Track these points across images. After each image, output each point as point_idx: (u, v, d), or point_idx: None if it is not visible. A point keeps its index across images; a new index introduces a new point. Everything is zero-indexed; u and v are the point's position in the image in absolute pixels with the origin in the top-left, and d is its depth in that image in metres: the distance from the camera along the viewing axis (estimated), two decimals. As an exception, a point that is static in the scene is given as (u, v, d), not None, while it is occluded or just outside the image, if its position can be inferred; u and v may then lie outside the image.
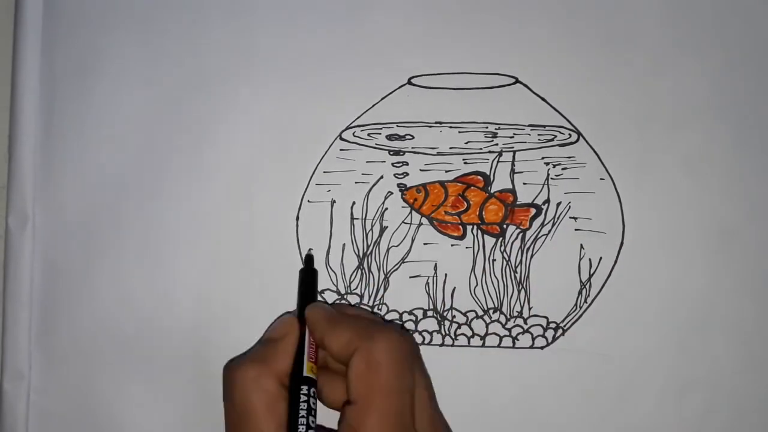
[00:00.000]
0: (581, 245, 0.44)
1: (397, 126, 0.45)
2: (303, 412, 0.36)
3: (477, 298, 0.44)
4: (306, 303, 0.41)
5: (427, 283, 0.44)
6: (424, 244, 0.45)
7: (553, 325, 0.44)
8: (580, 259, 0.44)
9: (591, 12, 0.45)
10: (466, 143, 0.45)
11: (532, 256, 0.44)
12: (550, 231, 0.44)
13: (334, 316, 0.39)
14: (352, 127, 0.45)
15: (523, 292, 0.44)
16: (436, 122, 0.45)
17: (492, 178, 0.45)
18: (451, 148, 0.45)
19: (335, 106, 0.45)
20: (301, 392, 0.37)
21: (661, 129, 0.45)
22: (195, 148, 0.46)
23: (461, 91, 0.45)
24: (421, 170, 0.45)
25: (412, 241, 0.45)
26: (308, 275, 0.43)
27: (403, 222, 0.45)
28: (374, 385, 0.35)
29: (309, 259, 0.44)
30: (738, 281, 0.44)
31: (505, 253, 0.44)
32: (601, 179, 0.44)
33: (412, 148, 0.45)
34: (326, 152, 0.45)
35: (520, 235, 0.44)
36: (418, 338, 0.44)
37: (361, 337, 0.36)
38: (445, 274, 0.44)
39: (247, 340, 0.44)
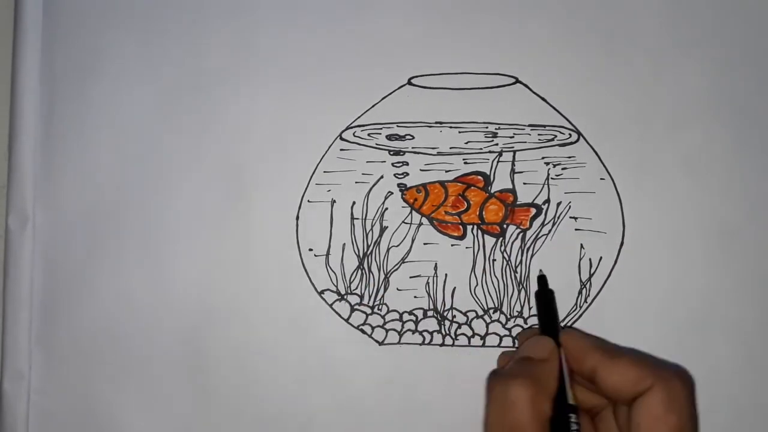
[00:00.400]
0: (581, 245, 0.44)
1: (397, 126, 0.45)
2: None
3: (477, 298, 0.44)
4: (551, 325, 0.40)
5: (428, 283, 0.44)
6: (424, 244, 0.45)
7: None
8: (580, 259, 0.44)
9: (591, 12, 0.45)
10: (466, 143, 0.45)
11: (532, 256, 0.44)
12: (550, 231, 0.44)
13: (610, 349, 0.37)
14: (352, 127, 0.45)
15: (523, 292, 0.44)
16: (436, 122, 0.45)
17: (492, 178, 0.45)
18: (451, 148, 0.45)
19: (335, 106, 0.45)
20: (571, 420, 0.36)
21: (661, 129, 0.45)
22: (195, 147, 0.46)
23: (461, 91, 0.45)
24: (421, 170, 0.45)
25: (412, 241, 0.45)
26: (546, 295, 0.42)
27: (403, 222, 0.45)
28: (671, 428, 0.34)
29: (543, 280, 0.42)
30: (738, 281, 0.44)
31: (505, 253, 0.44)
32: (601, 179, 0.44)
33: (412, 148, 0.45)
34: (326, 152, 0.45)
35: (521, 235, 0.44)
36: (418, 338, 0.44)
37: (655, 376, 0.35)
38: (445, 274, 0.44)
39: (247, 340, 0.44)
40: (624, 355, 0.37)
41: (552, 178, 0.44)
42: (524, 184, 0.45)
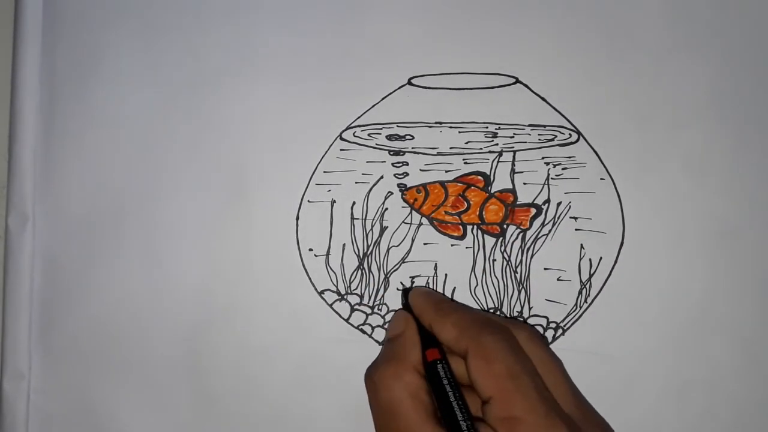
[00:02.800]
0: (581, 245, 0.44)
1: (397, 126, 0.45)
2: (449, 388, 0.37)
3: (477, 298, 0.44)
4: (404, 301, 0.42)
5: (428, 283, 0.44)
6: (424, 244, 0.45)
7: (553, 325, 0.44)
8: (580, 259, 0.44)
9: (591, 12, 0.45)
10: (466, 143, 0.45)
11: (532, 256, 0.44)
12: (550, 231, 0.44)
13: (441, 304, 0.40)
14: (352, 127, 0.45)
15: (523, 292, 0.44)
16: (436, 122, 0.45)
17: (492, 178, 0.45)
18: (451, 148, 0.45)
19: (335, 106, 0.45)
20: (438, 366, 0.37)
21: (661, 129, 0.45)
22: (195, 147, 0.46)
23: (461, 91, 0.45)
24: (421, 170, 0.45)
25: (412, 241, 0.45)
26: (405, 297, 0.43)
27: (403, 222, 0.45)
28: (500, 375, 0.36)
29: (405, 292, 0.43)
30: (738, 281, 0.44)
31: (505, 253, 0.44)
32: (601, 179, 0.44)
33: (412, 148, 0.45)
34: (326, 152, 0.45)
35: (521, 235, 0.44)
36: (418, 338, 0.44)
37: (469, 336, 0.37)
38: (446, 274, 0.44)
39: (247, 341, 0.44)
40: (450, 314, 0.39)
41: (552, 178, 0.44)
42: (524, 184, 0.45)
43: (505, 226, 0.44)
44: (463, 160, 0.45)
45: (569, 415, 0.37)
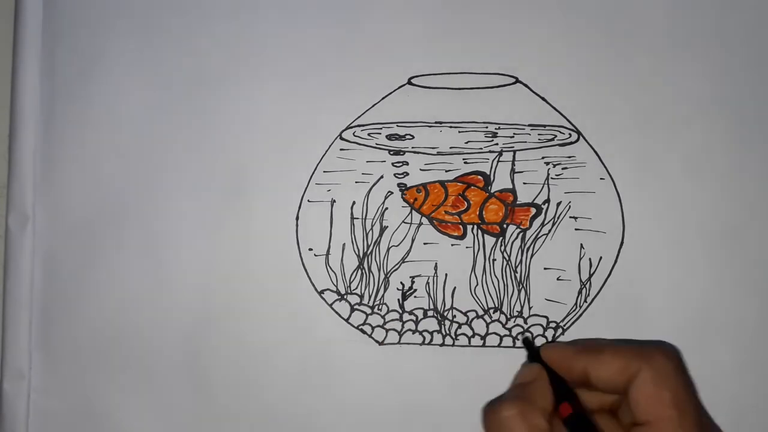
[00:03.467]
0: (581, 245, 0.44)
1: (397, 126, 0.45)
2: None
3: (477, 298, 0.44)
4: (534, 356, 0.40)
5: (428, 283, 0.44)
6: (424, 243, 0.45)
7: (553, 325, 0.44)
8: (580, 259, 0.44)
9: (591, 12, 0.45)
10: (466, 143, 0.45)
11: (532, 255, 0.44)
12: (550, 231, 0.44)
13: (589, 348, 0.38)
14: (352, 127, 0.45)
15: (523, 292, 0.44)
16: (436, 122, 0.45)
17: (492, 178, 0.45)
18: (451, 147, 0.45)
19: (335, 106, 0.45)
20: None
21: (661, 129, 0.45)
22: (195, 147, 0.46)
23: (461, 91, 0.45)
24: (421, 170, 0.45)
25: (412, 240, 0.45)
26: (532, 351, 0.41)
27: (403, 222, 0.45)
28: (667, 402, 0.35)
29: (528, 343, 0.42)
30: (738, 281, 0.44)
31: (505, 253, 0.44)
32: (601, 179, 0.44)
33: (412, 147, 0.45)
34: (326, 152, 0.45)
35: (520, 234, 0.44)
36: (417, 338, 0.44)
37: (639, 359, 0.36)
38: (446, 274, 0.44)
39: (247, 340, 0.44)
40: (605, 349, 0.37)
41: (552, 178, 0.44)
42: (524, 183, 0.45)
43: (505, 225, 0.44)
44: (463, 159, 0.45)
45: None
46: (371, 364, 0.44)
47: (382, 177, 0.45)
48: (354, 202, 0.45)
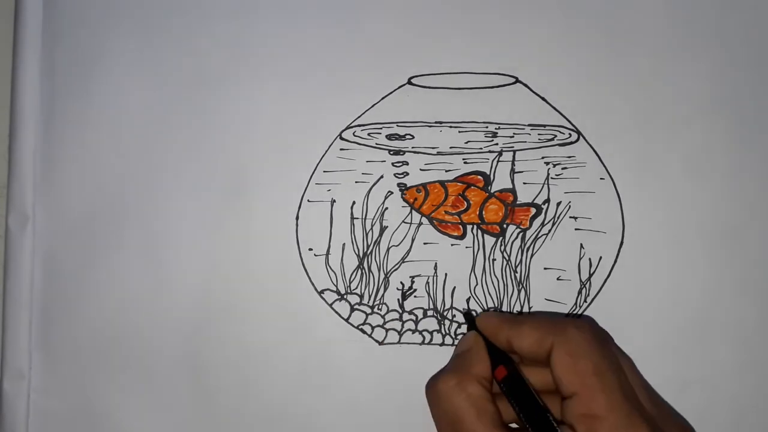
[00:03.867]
0: (581, 245, 0.44)
1: (397, 126, 0.45)
2: (532, 391, 0.37)
3: (477, 298, 0.44)
4: (471, 324, 0.41)
5: (427, 282, 0.44)
6: (424, 243, 0.45)
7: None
8: (580, 259, 0.44)
9: (591, 12, 0.45)
10: (466, 143, 0.45)
11: (532, 255, 0.44)
12: (550, 230, 0.44)
13: (513, 318, 0.39)
14: (352, 127, 0.45)
15: (522, 292, 0.44)
16: (436, 122, 0.45)
17: (492, 178, 0.45)
18: (451, 147, 0.45)
19: (335, 106, 0.45)
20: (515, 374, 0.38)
21: (661, 129, 0.45)
22: (195, 147, 0.46)
23: (461, 91, 0.45)
24: (421, 170, 0.45)
25: (412, 240, 0.45)
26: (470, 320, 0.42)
27: (403, 222, 0.45)
28: (586, 371, 0.36)
29: (468, 317, 0.43)
30: (738, 281, 0.44)
31: (505, 253, 0.44)
32: (601, 179, 0.44)
33: (412, 147, 0.45)
34: (326, 152, 0.45)
35: (520, 234, 0.44)
36: (417, 338, 0.44)
37: (553, 333, 0.37)
38: (445, 274, 0.44)
39: (247, 340, 0.44)
40: (526, 321, 0.39)
41: (552, 178, 0.44)
42: (524, 183, 0.45)
43: (505, 225, 0.44)
44: (463, 159, 0.45)
45: (651, 415, 0.36)
46: (371, 364, 0.44)
47: (382, 177, 0.45)
48: (354, 202, 0.45)
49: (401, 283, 0.44)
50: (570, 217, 0.44)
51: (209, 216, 0.45)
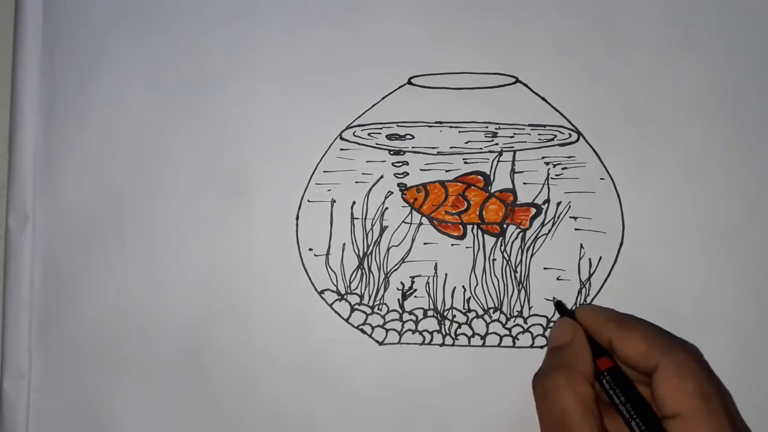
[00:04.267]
0: (581, 245, 0.44)
1: (397, 126, 0.45)
2: (633, 394, 0.37)
3: (477, 298, 0.44)
4: (565, 308, 0.42)
5: (428, 283, 0.44)
6: (424, 243, 0.45)
7: (553, 325, 0.44)
8: (580, 259, 0.44)
9: (591, 12, 0.45)
10: (466, 143, 0.45)
11: (532, 255, 0.44)
12: (550, 230, 0.44)
13: (620, 319, 0.39)
14: (352, 127, 0.45)
15: (523, 292, 0.44)
16: (436, 122, 0.45)
17: (492, 178, 0.45)
18: (451, 147, 0.45)
19: (335, 106, 0.45)
20: (604, 380, 0.37)
21: (661, 129, 0.45)
22: (195, 147, 0.46)
23: (461, 91, 0.45)
24: (421, 170, 0.45)
25: (412, 240, 0.45)
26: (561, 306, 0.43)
27: (403, 222, 0.45)
28: (694, 394, 0.35)
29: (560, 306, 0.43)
30: (738, 281, 0.44)
31: (505, 253, 0.44)
32: (601, 179, 0.44)
33: (412, 147, 0.45)
34: (326, 152, 0.45)
35: (520, 234, 0.44)
36: (417, 338, 0.44)
37: (661, 350, 0.37)
38: (446, 274, 0.44)
39: (247, 340, 0.44)
40: (636, 328, 0.38)
41: (552, 178, 0.44)
42: (524, 183, 0.45)
43: (505, 225, 0.44)
44: (463, 159, 0.45)
45: None
46: (371, 364, 0.44)
47: (382, 177, 0.45)
48: (354, 202, 0.45)
49: (401, 283, 0.44)
50: (570, 217, 0.44)
51: (209, 216, 0.45)
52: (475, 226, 0.44)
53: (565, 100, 0.45)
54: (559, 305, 0.42)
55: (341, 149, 0.45)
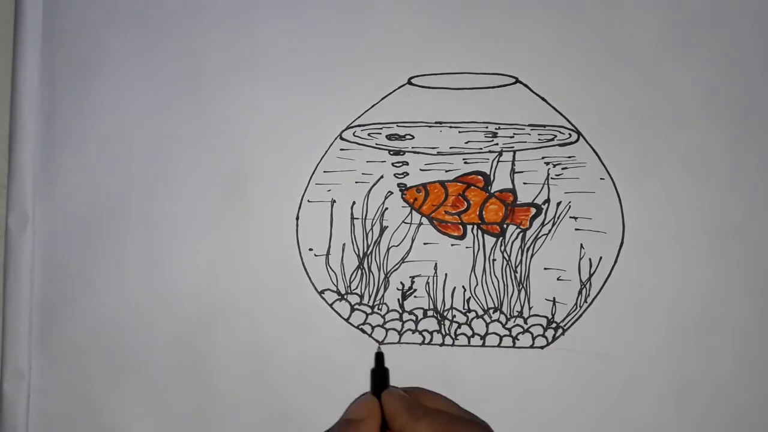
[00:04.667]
0: (581, 245, 0.44)
1: (397, 126, 0.45)
2: None
3: (477, 298, 0.44)
4: (380, 385, 0.42)
5: (427, 283, 0.44)
6: (424, 243, 0.45)
7: (553, 325, 0.44)
8: (580, 259, 0.44)
9: (591, 12, 0.45)
10: (466, 143, 0.45)
11: (532, 255, 0.44)
12: (550, 230, 0.44)
13: (415, 409, 0.39)
14: (352, 127, 0.45)
15: (523, 292, 0.44)
16: (436, 122, 0.45)
17: (492, 178, 0.45)
18: (451, 147, 0.45)
19: (335, 106, 0.45)
20: None
21: (661, 129, 0.45)
22: (195, 147, 0.46)
23: (461, 91, 0.45)
24: (421, 170, 0.45)
25: (412, 240, 0.45)
26: (380, 371, 0.43)
27: (403, 222, 0.45)
28: None
29: (380, 357, 0.43)
30: (737, 280, 0.44)
31: (505, 253, 0.44)
32: (601, 179, 0.44)
33: (412, 147, 0.45)
34: (326, 152, 0.45)
35: (520, 234, 0.44)
36: (417, 338, 0.44)
37: None
38: (446, 274, 0.44)
39: (247, 340, 0.44)
40: (424, 417, 0.38)
41: (552, 178, 0.44)
42: (524, 183, 0.45)
43: (505, 225, 0.44)
44: (463, 159, 0.45)
45: None
46: (371, 364, 0.44)
47: (382, 177, 0.45)
48: (354, 202, 0.45)
49: (401, 283, 0.44)
50: (570, 217, 0.44)
51: (209, 216, 0.45)
52: (475, 226, 0.44)
53: (565, 100, 0.45)
54: (378, 356, 0.43)
55: (341, 149, 0.45)
